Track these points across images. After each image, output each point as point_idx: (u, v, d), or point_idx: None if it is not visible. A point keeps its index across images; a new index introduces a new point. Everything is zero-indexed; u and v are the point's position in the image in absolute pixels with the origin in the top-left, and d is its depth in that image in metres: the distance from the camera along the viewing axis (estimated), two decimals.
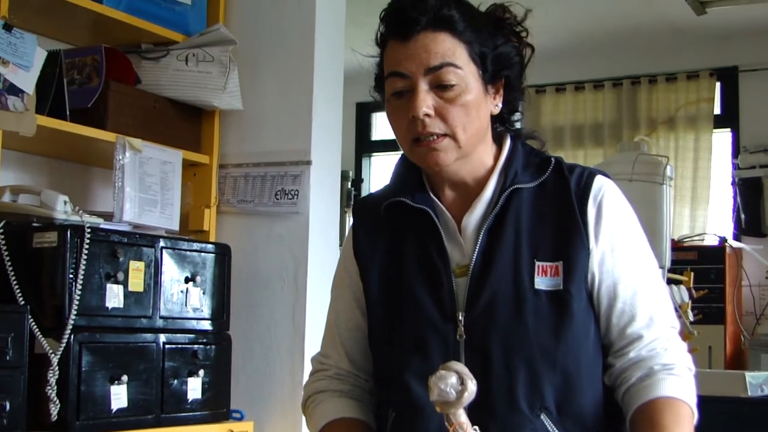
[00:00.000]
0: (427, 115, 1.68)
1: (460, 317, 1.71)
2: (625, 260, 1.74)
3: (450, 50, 1.69)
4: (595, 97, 6.67)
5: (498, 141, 1.83)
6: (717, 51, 6.27)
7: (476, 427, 1.52)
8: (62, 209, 2.86)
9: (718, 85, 6.36)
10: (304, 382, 1.97)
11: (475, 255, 1.73)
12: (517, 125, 1.87)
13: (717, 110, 6.38)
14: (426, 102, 1.68)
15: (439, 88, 1.69)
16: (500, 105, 1.79)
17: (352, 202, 6.03)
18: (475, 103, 1.72)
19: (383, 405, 1.83)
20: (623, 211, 1.78)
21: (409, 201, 1.78)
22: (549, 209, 1.75)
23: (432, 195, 1.80)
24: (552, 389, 1.67)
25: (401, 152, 1.84)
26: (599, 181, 1.77)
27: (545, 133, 6.70)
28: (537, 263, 1.71)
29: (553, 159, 1.80)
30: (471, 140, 1.73)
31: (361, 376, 1.88)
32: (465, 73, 1.70)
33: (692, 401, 1.68)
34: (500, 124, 1.83)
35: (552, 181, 1.77)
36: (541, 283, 1.70)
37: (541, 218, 1.75)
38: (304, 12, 3.46)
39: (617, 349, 1.74)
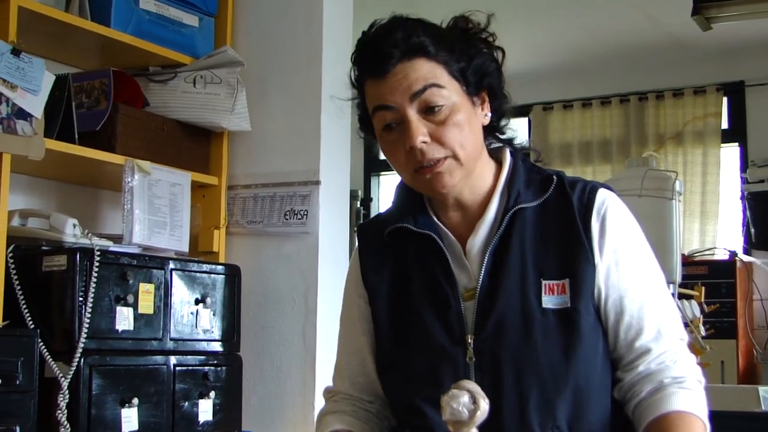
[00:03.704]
0: (424, 142, 1.68)
1: (469, 340, 1.71)
2: (630, 273, 1.74)
3: (430, 72, 1.69)
4: (602, 114, 6.67)
5: (496, 158, 1.83)
6: (723, 66, 6.28)
7: None
8: (71, 232, 2.86)
9: (725, 99, 6.36)
10: (316, 403, 1.97)
11: (481, 277, 1.73)
12: (509, 133, 1.87)
13: (724, 125, 6.38)
14: (420, 130, 1.67)
15: (428, 112, 1.69)
16: (489, 114, 1.79)
17: (361, 222, 6.03)
18: (467, 119, 1.72)
19: (397, 428, 1.83)
20: (627, 224, 1.77)
21: (412, 227, 1.78)
22: (553, 227, 1.75)
23: (434, 218, 1.80)
24: (563, 408, 1.67)
25: None
26: (602, 195, 1.77)
27: (553, 150, 6.71)
28: (543, 282, 1.71)
29: (554, 176, 1.79)
30: (471, 156, 1.73)
31: (364, 398, 1.88)
32: (449, 91, 1.70)
33: (704, 414, 1.68)
34: (492, 134, 1.83)
35: (554, 199, 1.77)
36: (549, 301, 1.70)
37: (545, 237, 1.74)
38: (311, 32, 3.47)
39: (626, 363, 1.73)
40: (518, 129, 1.90)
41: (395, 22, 1.73)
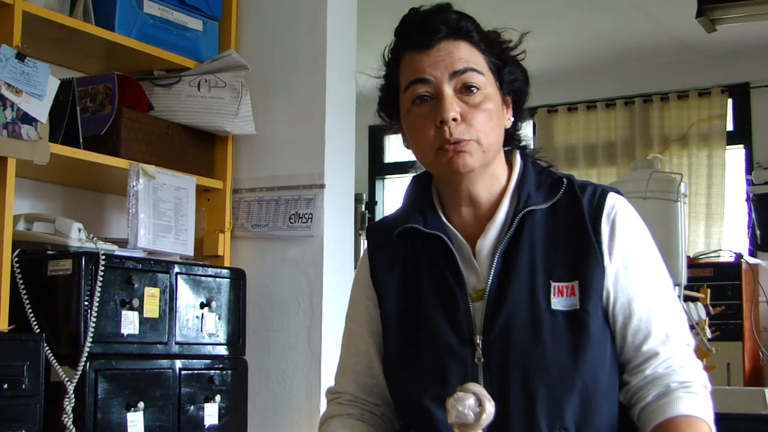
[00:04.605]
0: (455, 119, 1.69)
1: (478, 341, 1.71)
2: (639, 277, 1.74)
3: (472, 57, 1.74)
4: (607, 116, 6.67)
5: (508, 160, 1.84)
6: (728, 68, 6.27)
7: None
8: (77, 237, 2.86)
9: (729, 101, 6.35)
10: (321, 406, 1.97)
11: (490, 278, 1.73)
12: (524, 141, 1.89)
13: (729, 127, 6.37)
14: (453, 106, 1.70)
15: (464, 92, 1.72)
16: (512, 119, 1.82)
17: (366, 225, 6.02)
18: (496, 111, 1.75)
19: (404, 428, 1.83)
20: (636, 228, 1.78)
21: (421, 227, 1.78)
22: (562, 229, 1.75)
23: (444, 218, 1.80)
24: (571, 409, 1.67)
25: (413, 174, 1.85)
26: (612, 198, 1.78)
27: (558, 152, 6.70)
28: (553, 284, 1.71)
29: (565, 179, 1.80)
30: (493, 147, 1.75)
31: (370, 400, 1.88)
32: (486, 80, 1.74)
33: (710, 419, 1.68)
34: (508, 141, 1.84)
35: (565, 202, 1.78)
36: (558, 303, 1.70)
37: (555, 239, 1.75)
38: (315, 36, 3.47)
39: (633, 367, 1.73)
40: (527, 135, 1.92)
41: (446, 5, 1.78)
